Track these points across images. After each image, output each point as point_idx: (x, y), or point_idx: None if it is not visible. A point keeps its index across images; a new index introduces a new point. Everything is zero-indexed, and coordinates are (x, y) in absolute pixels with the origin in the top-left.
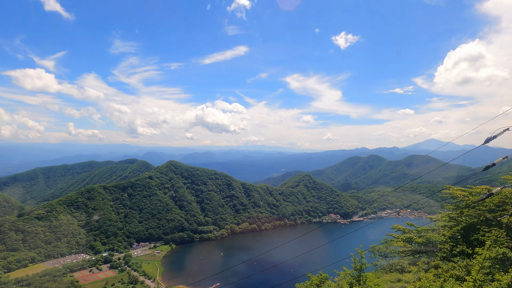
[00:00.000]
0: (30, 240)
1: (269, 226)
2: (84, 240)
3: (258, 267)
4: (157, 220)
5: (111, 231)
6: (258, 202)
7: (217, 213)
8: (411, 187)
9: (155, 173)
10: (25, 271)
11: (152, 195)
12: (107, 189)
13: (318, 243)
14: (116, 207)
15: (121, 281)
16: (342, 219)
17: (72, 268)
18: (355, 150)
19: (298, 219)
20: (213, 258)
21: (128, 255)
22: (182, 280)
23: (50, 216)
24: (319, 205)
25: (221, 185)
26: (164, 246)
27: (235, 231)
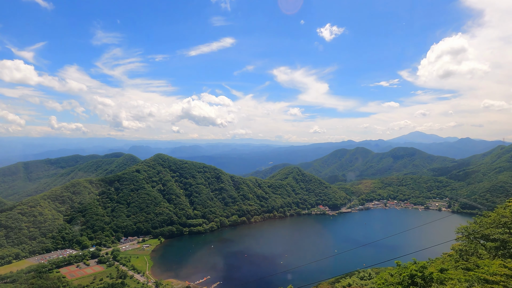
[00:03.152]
0: (14, 236)
1: (258, 219)
2: (70, 235)
3: (249, 259)
4: (145, 214)
5: (98, 225)
6: (247, 195)
7: (206, 206)
8: (397, 179)
9: (142, 167)
10: (9, 268)
11: (140, 188)
12: (93, 183)
13: (306, 235)
14: (103, 201)
15: (110, 276)
16: (331, 211)
17: (58, 263)
18: (342, 143)
19: (287, 211)
20: (203, 251)
21: (116, 250)
22: (172, 273)
23: (34, 211)
24: (308, 197)
25: (210, 178)
26: (153, 240)
27: (224, 224)
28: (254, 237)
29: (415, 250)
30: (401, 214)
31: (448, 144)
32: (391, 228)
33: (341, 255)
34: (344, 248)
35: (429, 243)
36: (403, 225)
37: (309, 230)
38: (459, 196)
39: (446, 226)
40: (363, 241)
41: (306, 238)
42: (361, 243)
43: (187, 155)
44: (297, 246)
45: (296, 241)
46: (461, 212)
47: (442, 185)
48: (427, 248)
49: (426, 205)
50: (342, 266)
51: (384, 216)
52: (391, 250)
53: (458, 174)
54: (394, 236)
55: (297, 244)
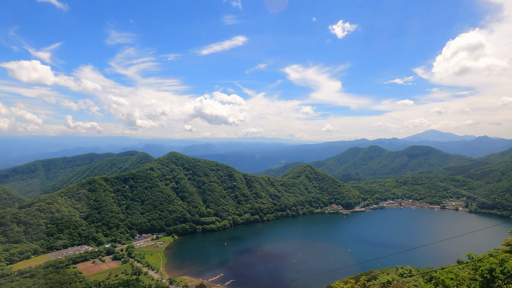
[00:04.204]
0: (32, 232)
1: (271, 217)
2: (86, 232)
3: (262, 257)
4: (159, 212)
5: (113, 222)
6: (260, 193)
7: (219, 204)
8: (412, 178)
9: (156, 165)
10: (28, 263)
11: (154, 186)
12: (108, 180)
13: (319, 234)
14: (118, 199)
15: (125, 272)
16: (344, 210)
17: (75, 259)
18: (355, 141)
19: (300, 210)
20: (216, 249)
21: (131, 247)
22: (186, 270)
23: (52, 208)
24: (321, 195)
25: (223, 177)
26: (167, 238)
27: (237, 222)
28: (267, 236)
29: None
30: (417, 214)
31: (465, 142)
32: (409, 228)
33: (355, 254)
34: (358, 248)
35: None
36: (421, 225)
37: (322, 229)
38: (477, 195)
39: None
40: (378, 240)
41: (319, 237)
42: (375, 242)
43: (200, 153)
44: (310, 245)
45: (309, 240)
46: (479, 212)
47: (459, 184)
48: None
49: (442, 204)
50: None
51: (399, 215)
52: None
53: (476, 173)
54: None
55: (310, 243)
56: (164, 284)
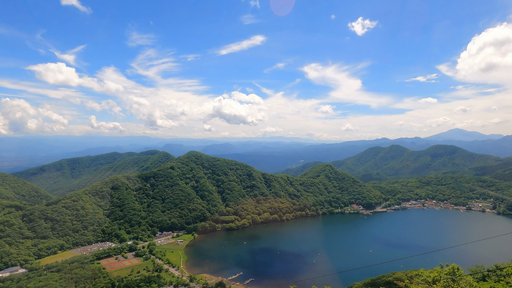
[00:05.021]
0: (59, 228)
1: (290, 216)
2: (109, 229)
3: (281, 256)
4: (179, 210)
5: (135, 220)
6: (279, 192)
7: (238, 203)
8: (436, 178)
9: (176, 164)
10: (55, 258)
11: (174, 185)
12: (130, 179)
13: (339, 234)
14: (140, 197)
15: (146, 268)
16: (365, 210)
17: (98, 255)
18: (376, 141)
19: (319, 210)
20: (235, 247)
21: (152, 244)
22: (206, 268)
23: (77, 205)
24: (341, 195)
25: (242, 176)
26: (187, 235)
27: (256, 221)
28: (286, 235)
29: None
30: (441, 215)
31: (492, 142)
32: (433, 229)
33: (375, 255)
34: (378, 249)
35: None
36: (445, 227)
37: (342, 229)
38: (506, 196)
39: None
40: (400, 242)
41: (339, 237)
42: (397, 244)
43: (219, 153)
44: (330, 245)
45: (328, 240)
46: (508, 214)
47: (486, 185)
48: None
49: (468, 205)
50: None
51: (422, 216)
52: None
53: (504, 174)
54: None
55: (330, 243)
56: (185, 282)
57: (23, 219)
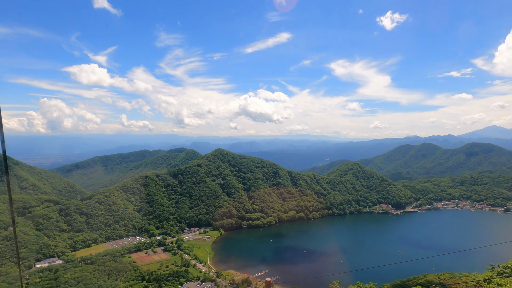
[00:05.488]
0: (93, 222)
1: (317, 215)
2: (139, 224)
3: (308, 255)
4: (206, 207)
5: (164, 216)
6: (305, 190)
7: (264, 201)
8: (471, 177)
9: (203, 161)
10: (89, 251)
11: (201, 182)
12: (159, 176)
13: (368, 234)
14: (168, 193)
15: (175, 263)
16: (394, 210)
17: (129, 249)
18: (406, 139)
19: (347, 209)
20: (261, 245)
21: (180, 239)
22: (232, 265)
23: (109, 201)
24: (369, 194)
25: (268, 173)
26: (214, 232)
27: (282, 219)
28: (312, 234)
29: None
30: (476, 216)
31: None
32: (467, 231)
33: (406, 257)
34: (408, 250)
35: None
36: (480, 228)
37: (370, 229)
38: None
39: None
40: (431, 243)
41: (367, 237)
42: (428, 245)
43: (245, 151)
44: (357, 245)
45: (356, 239)
46: None
47: None
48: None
49: (506, 206)
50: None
51: (456, 217)
52: (463, 256)
53: None
54: (470, 241)
55: (358, 243)
56: (212, 277)
57: (60, 213)
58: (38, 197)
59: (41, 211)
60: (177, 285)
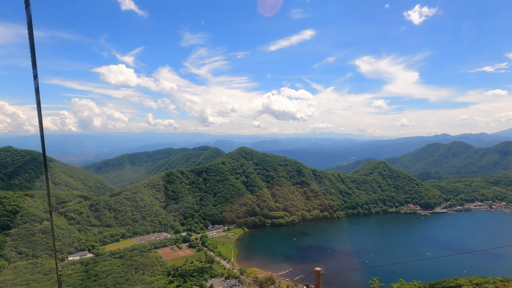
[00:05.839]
0: (121, 218)
1: (341, 214)
2: (165, 220)
3: (332, 255)
4: (230, 204)
5: (189, 213)
6: (330, 189)
7: (288, 199)
8: (506, 177)
9: (227, 159)
10: (117, 245)
11: (225, 179)
12: (184, 173)
13: (394, 234)
14: (193, 191)
15: (199, 259)
16: (423, 210)
17: (156, 245)
18: (435, 137)
19: (372, 208)
20: (284, 243)
21: (205, 236)
22: (256, 262)
23: (136, 197)
24: (396, 194)
25: (291, 172)
26: (237, 229)
27: (306, 218)
28: (337, 233)
29: None
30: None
31: None
32: (502, 234)
33: (434, 259)
34: (437, 252)
35: None
36: None
37: (397, 230)
38: None
39: None
40: (462, 246)
41: (394, 238)
42: (459, 248)
43: (268, 149)
44: (383, 245)
45: (382, 240)
46: None
47: None
48: None
49: None
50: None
51: (489, 219)
52: (496, 259)
53: None
54: (501, 244)
55: (384, 244)
56: (235, 274)
57: (90, 208)
58: (70, 192)
59: (73, 206)
60: (202, 281)
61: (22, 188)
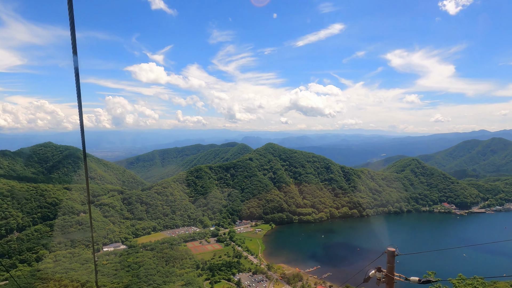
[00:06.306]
0: (152, 212)
1: (371, 212)
2: (194, 215)
3: (362, 253)
4: (257, 200)
5: (217, 208)
6: (359, 186)
7: (316, 196)
8: None
9: (254, 155)
10: (149, 238)
11: (253, 175)
12: (212, 169)
13: (427, 234)
14: (221, 186)
15: (227, 254)
16: (458, 209)
17: (185, 238)
18: (472, 133)
19: (404, 207)
20: (312, 240)
21: (232, 231)
22: (283, 259)
23: (166, 192)
24: (429, 192)
25: (319, 168)
26: (265, 225)
27: (334, 215)
28: (366, 231)
29: None
30: None
31: None
32: None
33: (471, 261)
34: (474, 254)
35: None
36: None
37: (430, 229)
38: None
39: None
40: (501, 248)
41: (427, 238)
42: (497, 250)
43: (295, 145)
44: (416, 245)
45: (415, 239)
46: None
47: None
48: None
49: None
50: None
51: None
52: None
53: None
54: None
55: (416, 243)
56: (263, 270)
57: (123, 201)
58: (105, 186)
59: (107, 200)
60: (230, 275)
61: (61, 181)
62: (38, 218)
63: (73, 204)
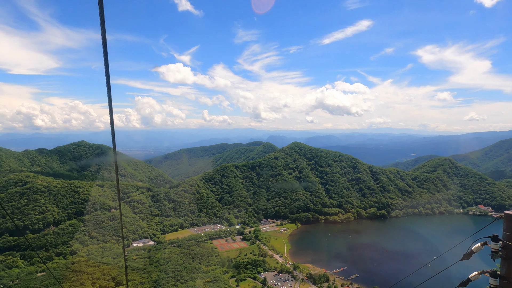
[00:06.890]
0: (179, 209)
1: (400, 213)
2: (220, 213)
3: (390, 255)
4: (283, 199)
5: (242, 206)
6: (387, 187)
7: (342, 196)
8: None
9: (280, 154)
10: (176, 235)
11: (278, 174)
12: (238, 168)
13: (461, 237)
14: (246, 185)
15: (252, 252)
16: (495, 212)
17: (211, 236)
18: (510, 132)
19: (435, 208)
20: (339, 240)
21: (258, 230)
22: (309, 259)
23: (193, 190)
24: (463, 194)
25: (346, 168)
26: (290, 225)
27: (361, 216)
28: (395, 233)
29: None
30: None
31: None
32: None
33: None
34: None
35: None
36: None
37: (464, 232)
38: None
39: None
40: None
41: (460, 241)
42: None
43: (321, 144)
44: (448, 248)
45: (447, 242)
46: None
47: None
48: None
49: None
50: None
51: None
52: None
53: None
54: None
55: (449, 247)
56: (288, 269)
57: (152, 199)
58: (134, 184)
59: (137, 197)
60: (255, 273)
61: (93, 178)
62: (72, 213)
63: (105, 200)
